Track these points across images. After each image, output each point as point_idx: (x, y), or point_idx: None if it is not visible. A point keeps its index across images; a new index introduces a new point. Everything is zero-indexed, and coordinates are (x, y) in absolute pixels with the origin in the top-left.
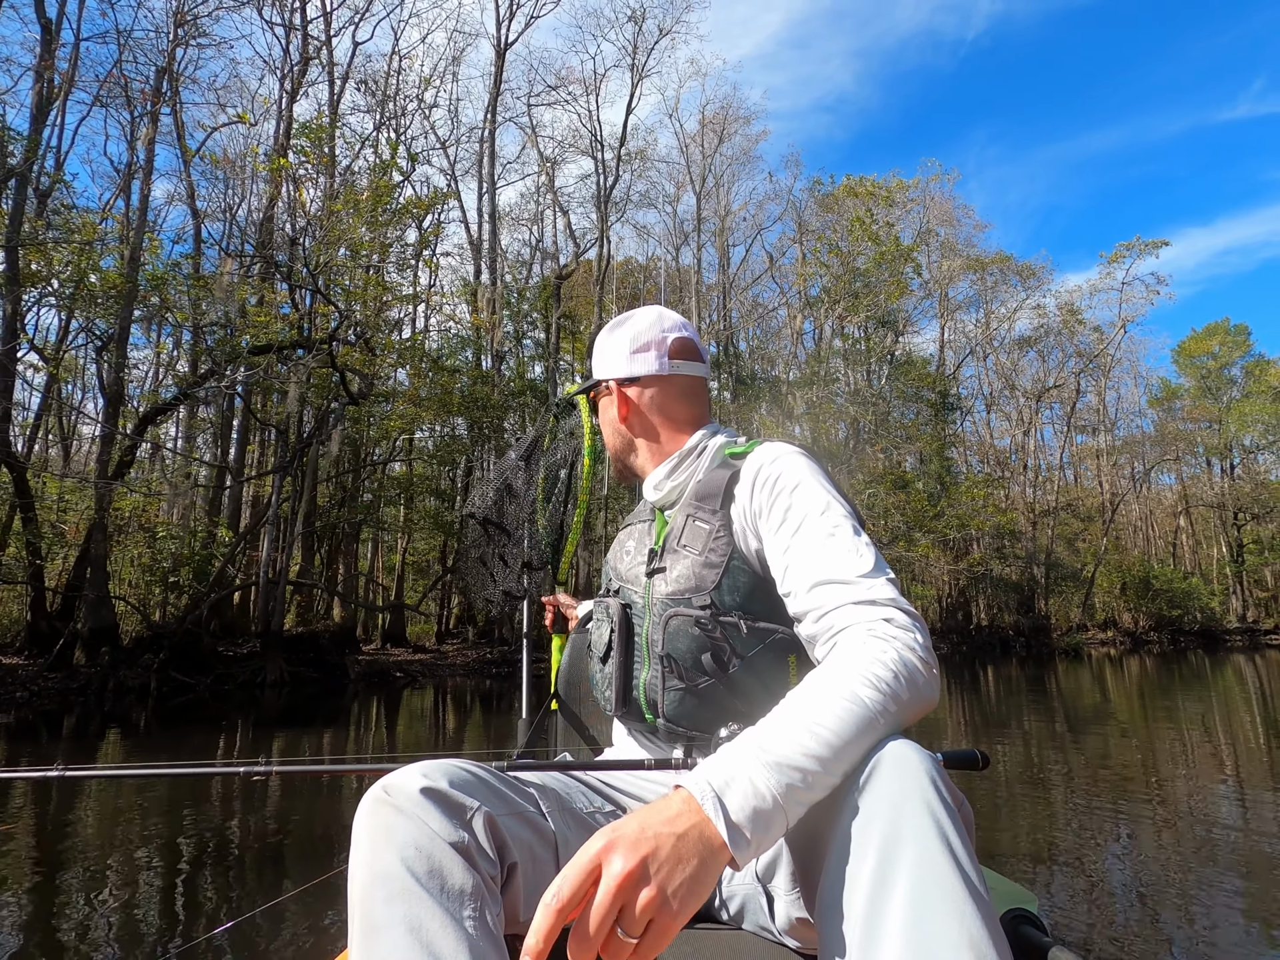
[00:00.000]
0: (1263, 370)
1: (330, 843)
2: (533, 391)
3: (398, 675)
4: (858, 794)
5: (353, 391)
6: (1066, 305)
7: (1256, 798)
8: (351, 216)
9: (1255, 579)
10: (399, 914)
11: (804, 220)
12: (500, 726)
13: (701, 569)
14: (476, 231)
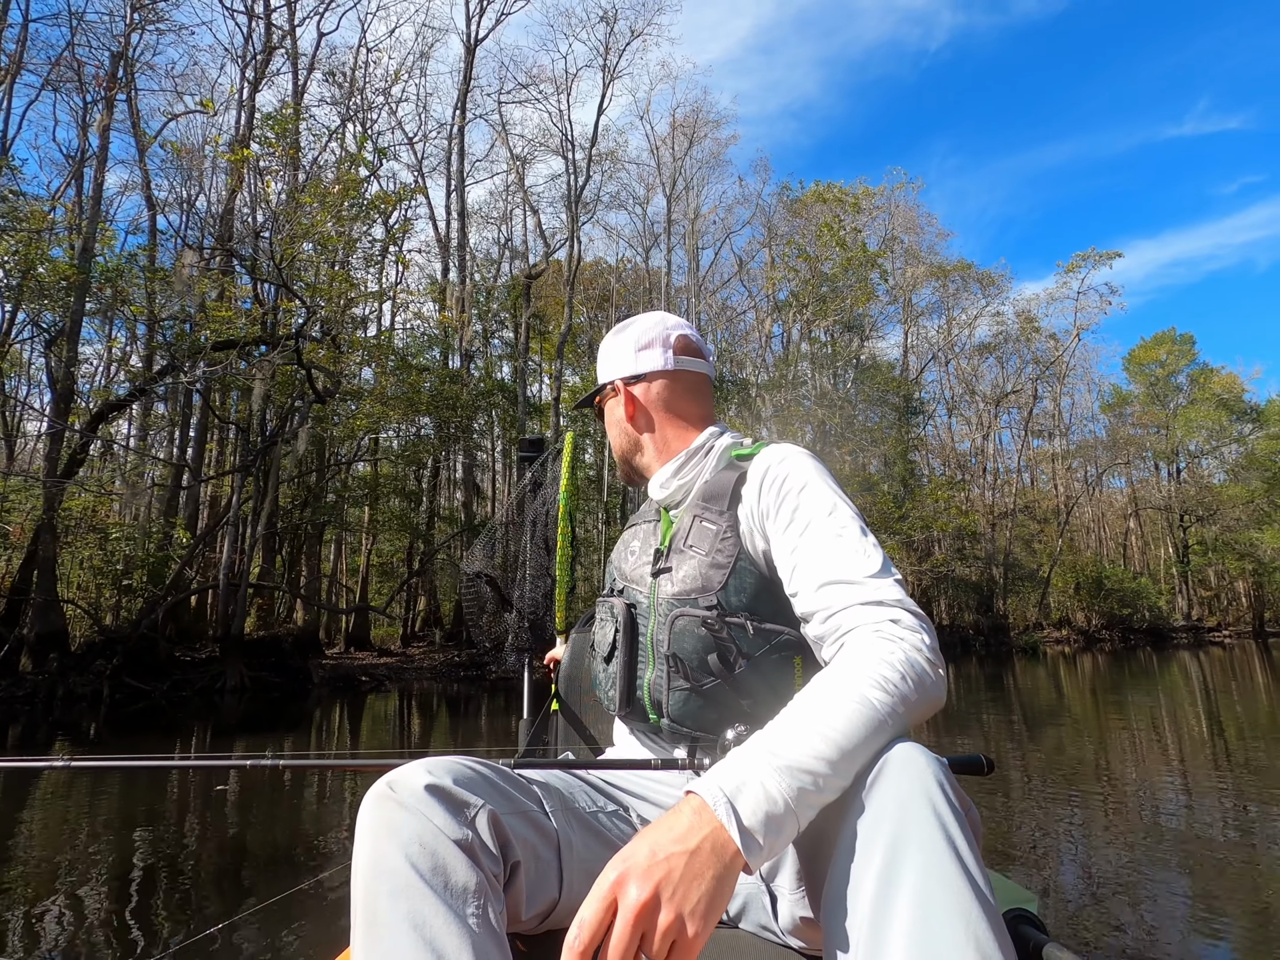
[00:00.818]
0: (1206, 378)
1: (333, 840)
2: (503, 391)
3: (363, 679)
4: (865, 795)
5: (319, 389)
6: (1024, 313)
7: (1237, 793)
8: (318, 211)
9: (1199, 579)
10: (402, 910)
11: (773, 225)
12: (468, 730)
13: (708, 569)
14: (444, 229)
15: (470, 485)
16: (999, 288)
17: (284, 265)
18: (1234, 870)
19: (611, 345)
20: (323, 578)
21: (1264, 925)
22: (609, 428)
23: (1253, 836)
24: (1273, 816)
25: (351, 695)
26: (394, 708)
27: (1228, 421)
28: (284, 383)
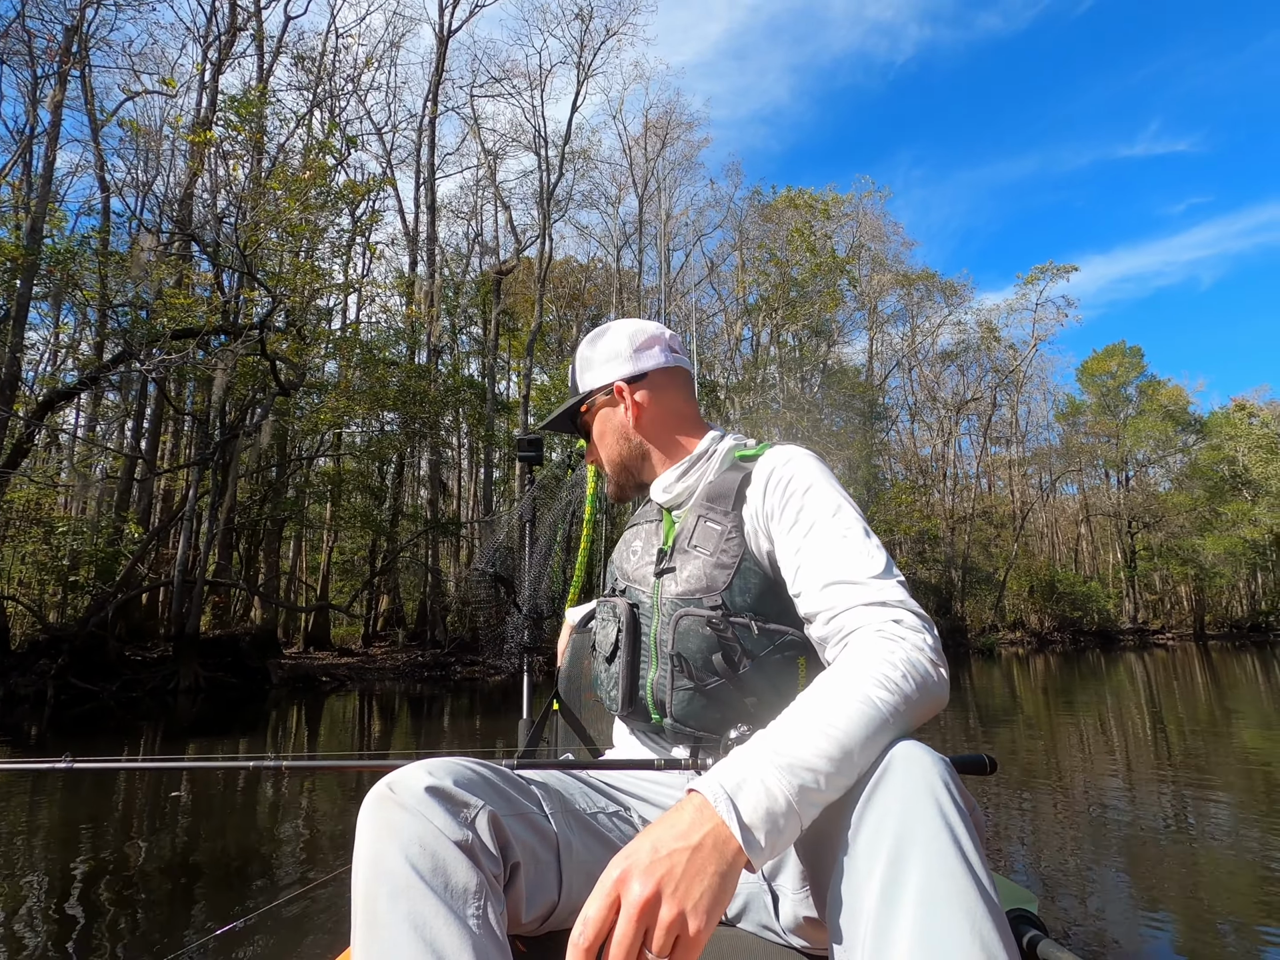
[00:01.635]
0: (1154, 390)
1: (333, 842)
2: (471, 388)
3: (323, 680)
4: (869, 794)
5: (283, 381)
6: (985, 323)
7: (1176, 782)
8: (284, 197)
9: (1145, 583)
10: (402, 911)
11: (744, 229)
12: (431, 732)
13: (713, 569)
14: (413, 222)
15: (436, 483)
16: (961, 297)
17: (249, 252)
18: (1231, 867)
19: (596, 351)
20: (282, 575)
21: (1266, 923)
22: (603, 437)
23: (1245, 834)
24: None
25: (311, 696)
26: (354, 709)
27: (1173, 432)
28: (245, 374)
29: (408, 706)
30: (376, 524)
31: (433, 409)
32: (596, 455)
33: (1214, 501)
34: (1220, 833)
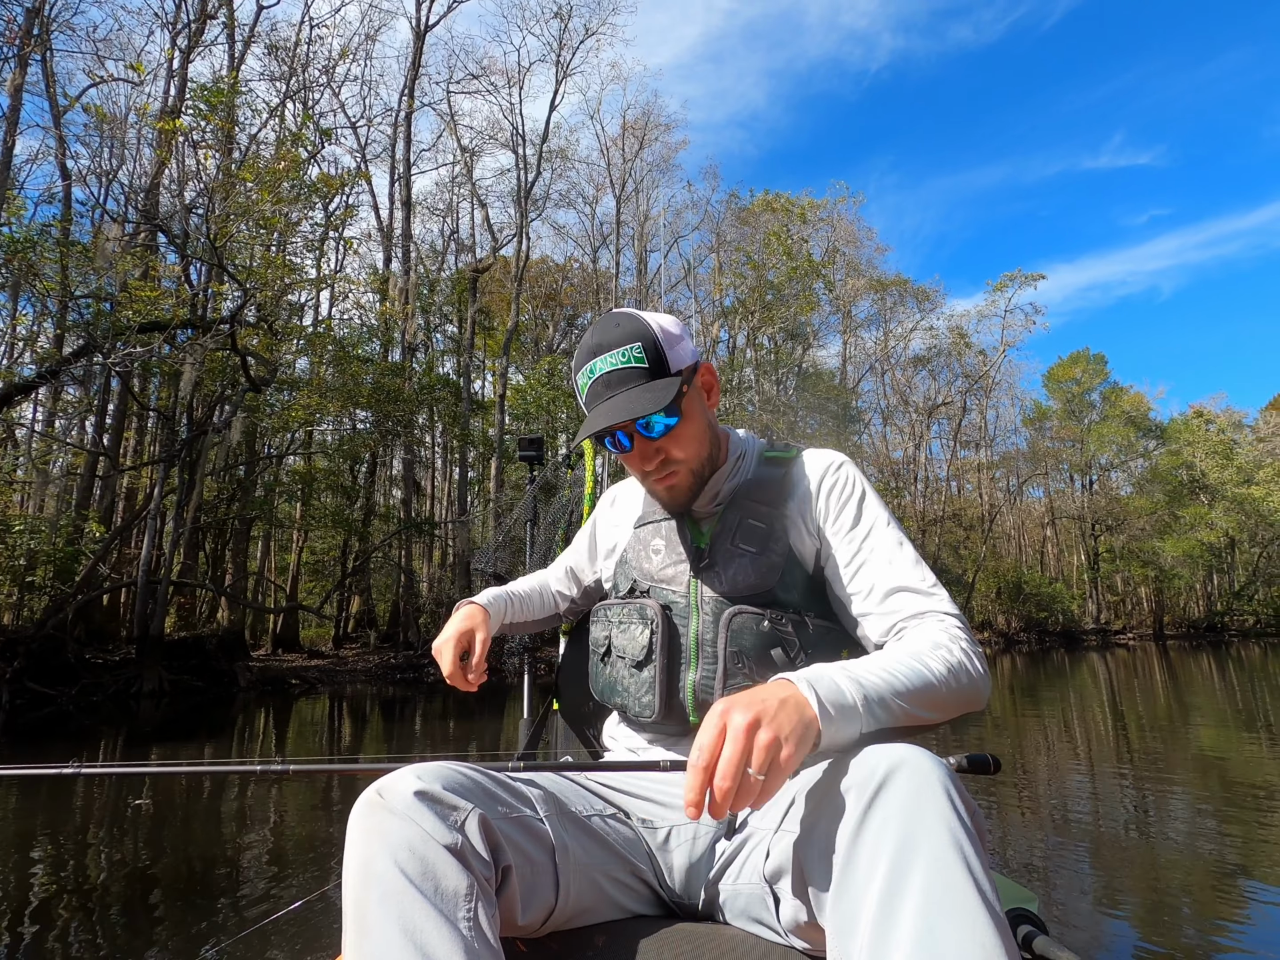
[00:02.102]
0: (1117, 397)
1: (303, 847)
2: (446, 387)
3: (293, 682)
4: (871, 800)
5: (254, 377)
6: (956, 328)
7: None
8: (256, 189)
9: (1108, 584)
10: (392, 915)
11: (721, 231)
12: (404, 736)
13: (762, 567)
14: (387, 218)
15: (410, 482)
16: (933, 303)
17: (219, 244)
18: (1226, 861)
19: (670, 325)
20: (250, 576)
21: (1265, 920)
22: (691, 425)
23: (1233, 830)
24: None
25: (280, 699)
26: (324, 712)
27: (1135, 437)
28: (214, 369)
29: (379, 709)
30: (348, 524)
31: (407, 407)
32: (673, 450)
33: (1173, 505)
34: (1211, 830)
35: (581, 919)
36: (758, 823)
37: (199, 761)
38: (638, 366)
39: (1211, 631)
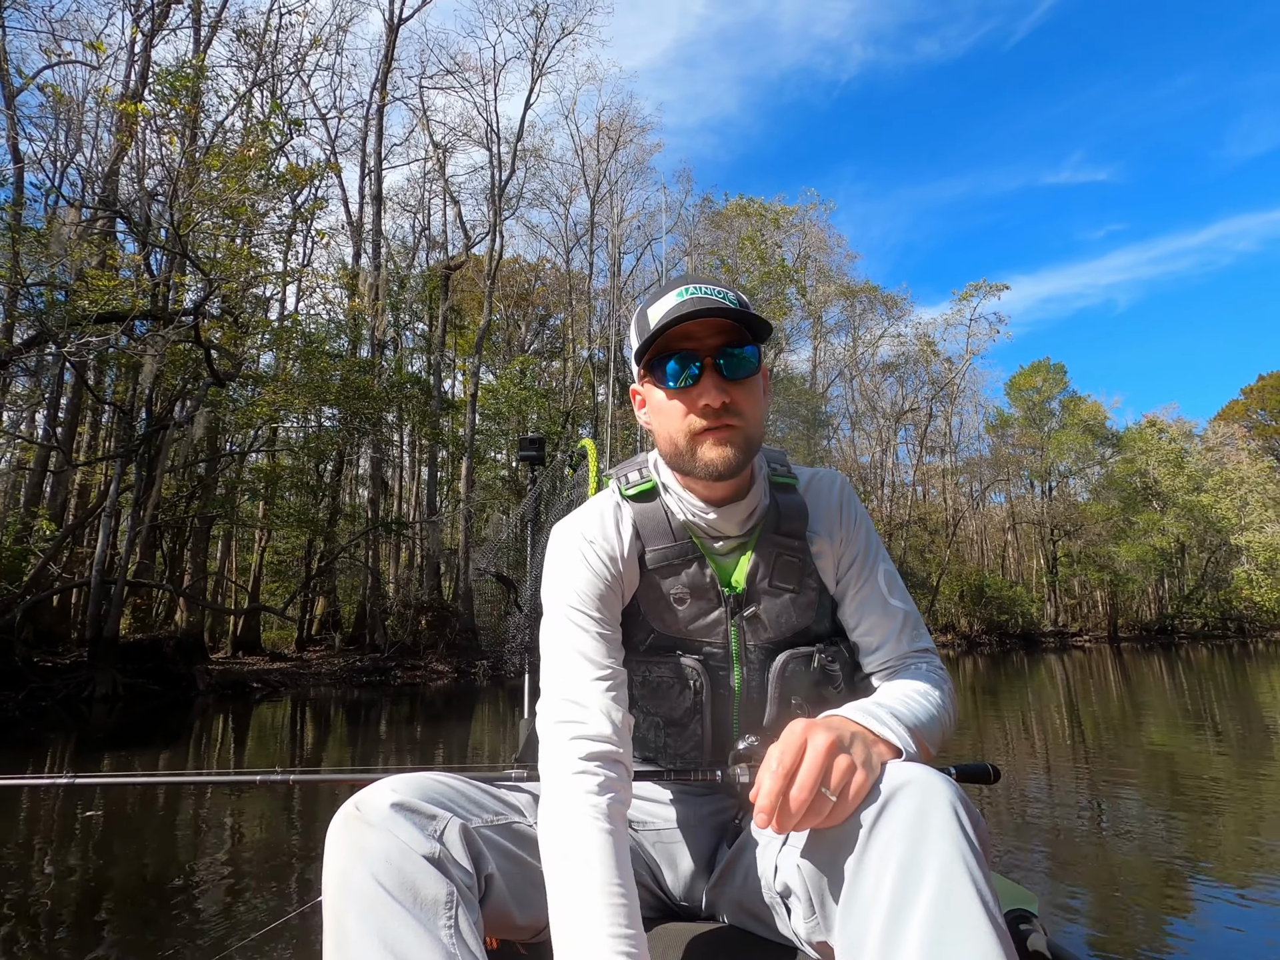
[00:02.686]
0: (1075, 405)
1: (262, 857)
2: (416, 385)
3: (255, 686)
4: (877, 818)
5: (219, 371)
6: (923, 336)
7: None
8: (223, 178)
9: (1065, 588)
10: (371, 927)
11: (694, 235)
12: (369, 742)
13: (802, 605)
14: (357, 213)
15: (378, 481)
16: (901, 310)
17: (184, 233)
18: (1221, 858)
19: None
20: (209, 576)
21: (1265, 917)
22: (759, 399)
23: (1226, 825)
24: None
25: (241, 703)
26: (286, 716)
27: (1092, 445)
28: (175, 362)
29: (344, 714)
30: (314, 523)
31: (376, 405)
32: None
33: (1128, 511)
34: (1195, 826)
35: None
36: (764, 832)
37: (197, 772)
38: (729, 305)
39: (1162, 634)
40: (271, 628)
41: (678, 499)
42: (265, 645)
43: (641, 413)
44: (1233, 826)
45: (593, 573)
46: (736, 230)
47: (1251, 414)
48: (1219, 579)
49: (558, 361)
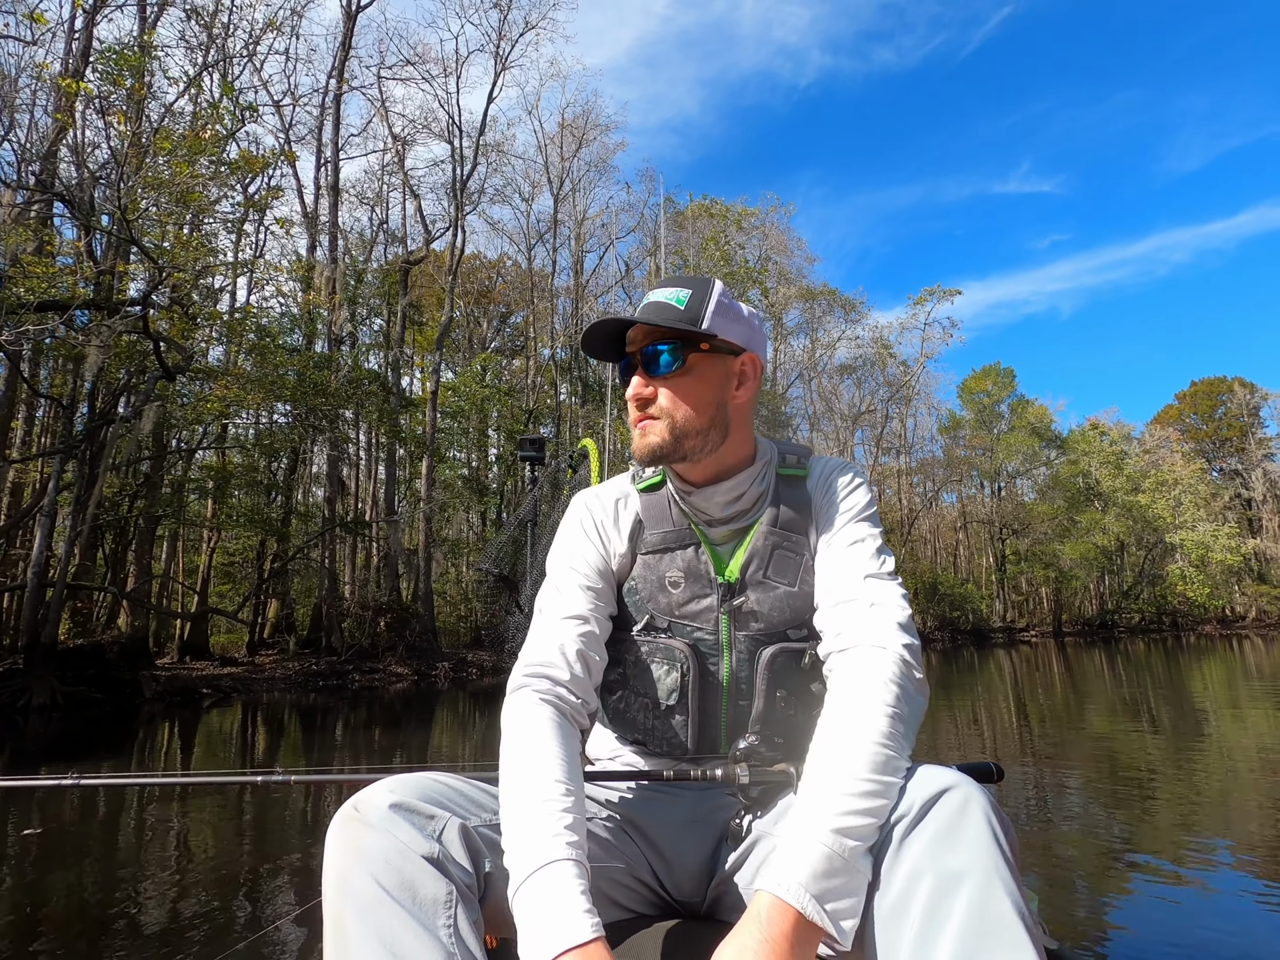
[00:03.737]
0: (1023, 408)
1: (207, 865)
2: (375, 382)
3: (205, 692)
4: (912, 826)
5: (169, 365)
6: (880, 339)
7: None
8: (173, 163)
9: (1013, 585)
10: (370, 928)
11: (657, 235)
12: (325, 748)
13: (797, 601)
14: (312, 204)
15: (335, 480)
16: (859, 313)
17: (132, 219)
18: (1217, 854)
19: (716, 295)
20: (154, 578)
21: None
22: (694, 391)
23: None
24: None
25: (190, 710)
26: (237, 723)
27: (1038, 447)
28: (120, 354)
29: (299, 719)
30: (267, 523)
31: (334, 402)
32: (664, 399)
33: (1072, 511)
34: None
35: None
36: (768, 828)
37: (197, 773)
38: (675, 306)
39: (1103, 629)
40: (221, 631)
41: (674, 490)
42: (214, 650)
43: None
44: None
45: (587, 540)
46: (699, 231)
47: (1185, 418)
48: (1155, 575)
49: (519, 360)
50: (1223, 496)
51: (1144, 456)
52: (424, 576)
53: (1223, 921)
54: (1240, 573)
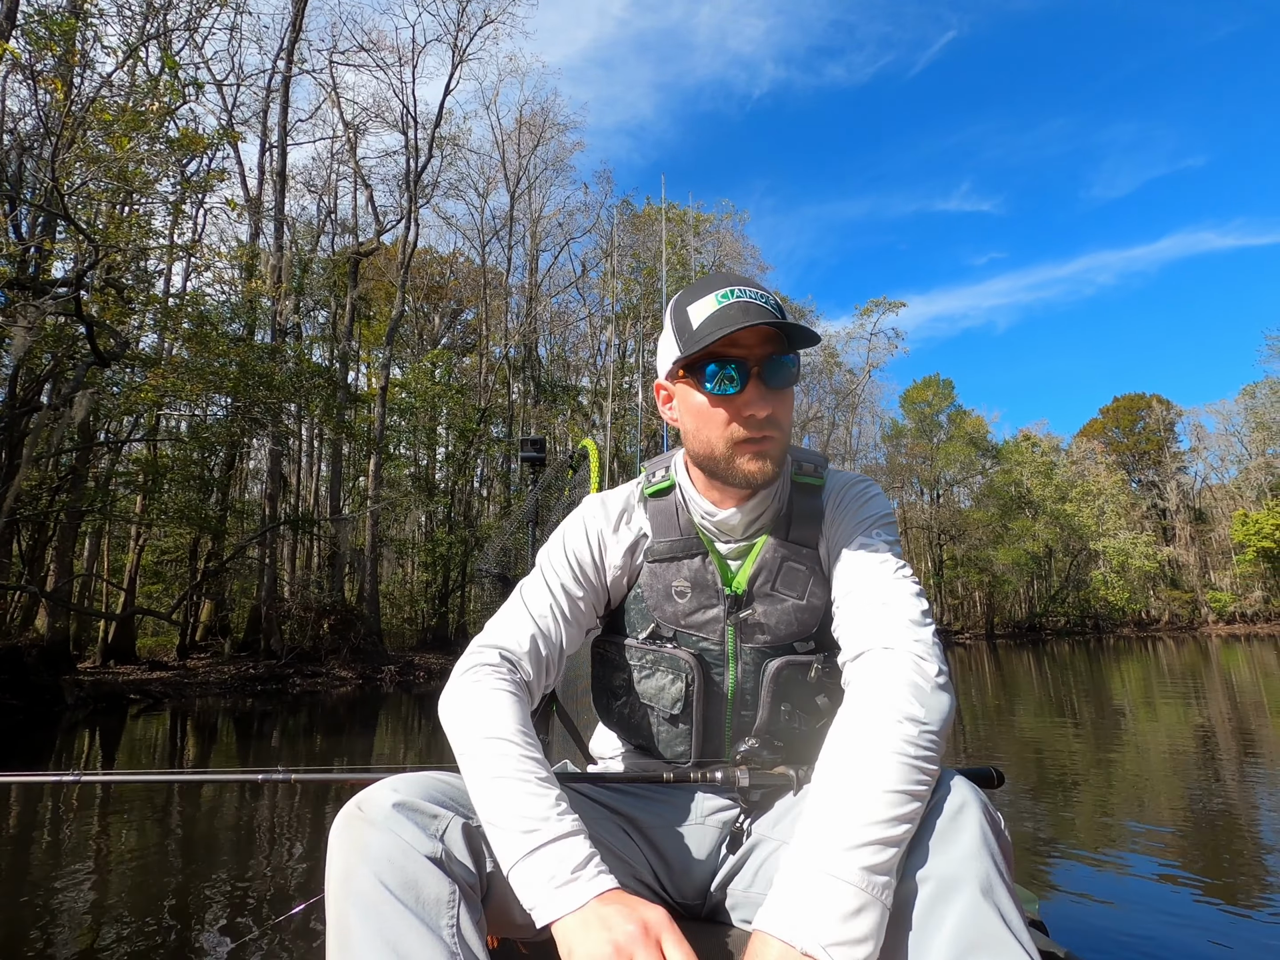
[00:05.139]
0: (961, 419)
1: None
2: (322, 375)
3: (134, 698)
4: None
5: (102, 351)
6: (827, 348)
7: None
8: (111, 138)
9: (950, 589)
10: (373, 928)
11: (614, 236)
12: (261, 757)
13: (804, 614)
14: (256, 189)
15: (277, 477)
16: (809, 321)
17: (67, 192)
18: (1218, 850)
19: None
20: (76, 577)
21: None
22: (792, 407)
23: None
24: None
25: (115, 717)
26: (165, 731)
27: (975, 456)
28: (47, 338)
29: (234, 725)
30: (204, 520)
31: (279, 395)
32: (780, 412)
33: (1005, 518)
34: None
35: None
36: (768, 832)
37: (200, 770)
38: (774, 312)
39: (1032, 631)
40: (148, 633)
41: (689, 499)
42: (141, 654)
43: (667, 409)
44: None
45: (583, 543)
46: (655, 234)
47: (1108, 431)
48: (1080, 581)
49: (470, 357)
50: (1141, 506)
51: (1071, 467)
52: (370, 577)
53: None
54: (1156, 578)
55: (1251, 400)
